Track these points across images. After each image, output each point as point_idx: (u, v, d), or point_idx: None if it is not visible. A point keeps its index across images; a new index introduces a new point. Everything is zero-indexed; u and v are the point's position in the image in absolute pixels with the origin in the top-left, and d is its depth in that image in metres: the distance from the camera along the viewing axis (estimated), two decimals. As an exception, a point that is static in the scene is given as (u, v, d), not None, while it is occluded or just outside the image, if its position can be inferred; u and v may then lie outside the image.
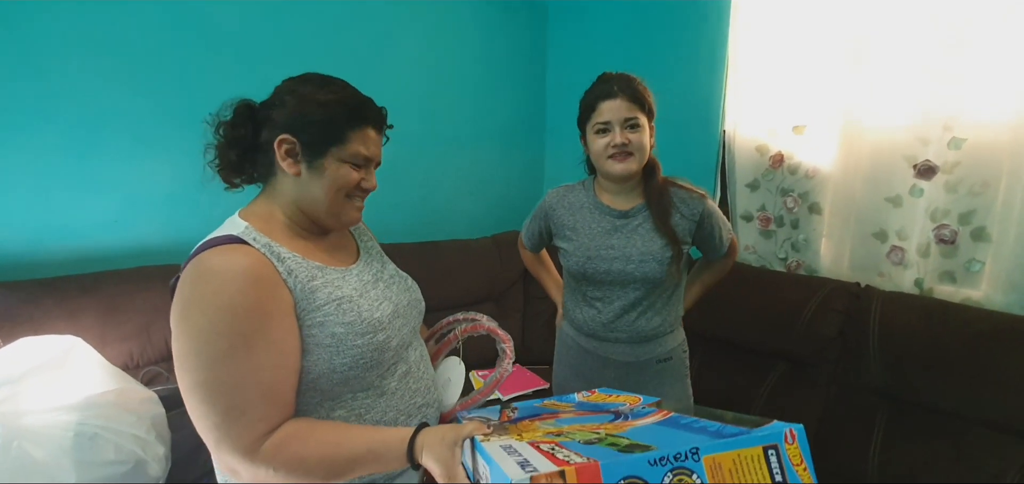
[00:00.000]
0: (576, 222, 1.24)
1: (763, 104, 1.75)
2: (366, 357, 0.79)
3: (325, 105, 0.80)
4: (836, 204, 1.65)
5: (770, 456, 0.57)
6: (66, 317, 1.31)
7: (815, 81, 1.64)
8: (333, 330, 0.76)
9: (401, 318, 0.88)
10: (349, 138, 0.81)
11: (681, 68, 1.96)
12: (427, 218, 2.21)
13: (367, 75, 1.89)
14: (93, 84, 1.43)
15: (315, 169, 0.80)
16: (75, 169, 1.44)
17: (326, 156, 0.80)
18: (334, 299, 0.78)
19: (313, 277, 0.78)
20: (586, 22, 2.35)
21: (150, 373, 1.42)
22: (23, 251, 1.38)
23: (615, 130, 1.12)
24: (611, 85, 1.13)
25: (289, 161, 0.80)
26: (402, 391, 0.85)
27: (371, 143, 0.85)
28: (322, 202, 0.82)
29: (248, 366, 0.69)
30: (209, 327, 0.68)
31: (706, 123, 1.92)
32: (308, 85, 0.83)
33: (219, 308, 0.69)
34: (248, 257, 0.73)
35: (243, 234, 0.76)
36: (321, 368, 0.76)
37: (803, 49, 1.65)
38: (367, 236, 1.04)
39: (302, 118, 0.80)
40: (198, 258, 0.73)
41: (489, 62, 2.32)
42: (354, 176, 0.83)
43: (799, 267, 1.75)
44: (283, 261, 0.76)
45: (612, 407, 0.82)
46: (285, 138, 0.79)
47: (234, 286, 0.70)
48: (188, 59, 1.57)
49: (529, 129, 2.54)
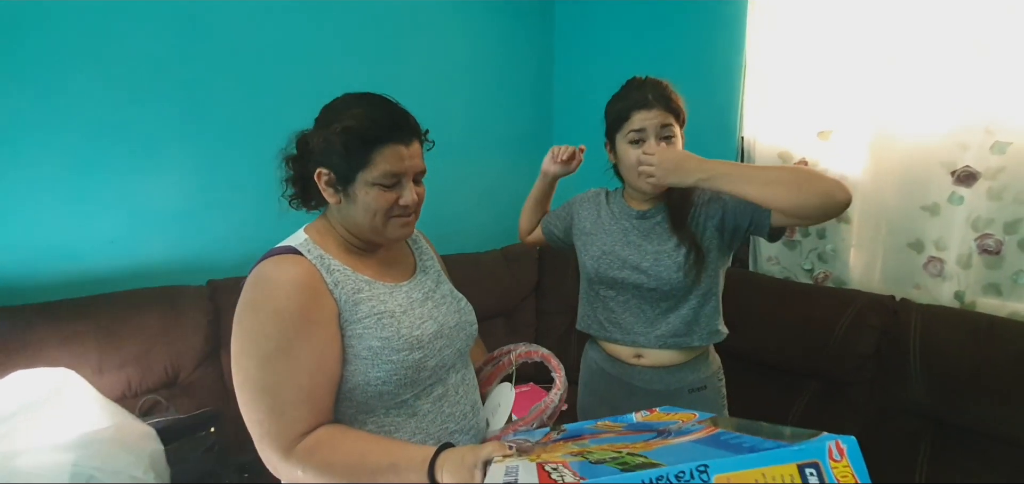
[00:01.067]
0: (587, 227, 1.20)
1: (785, 109, 1.68)
2: (400, 373, 0.80)
3: (346, 131, 0.80)
4: (866, 213, 1.57)
5: (808, 475, 0.47)
6: (61, 344, 1.25)
7: (841, 84, 1.56)
8: (370, 343, 0.79)
9: (444, 339, 0.88)
10: (373, 160, 0.80)
11: (695, 72, 1.89)
12: (434, 231, 2.11)
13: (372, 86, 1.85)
14: (95, 96, 1.37)
15: (349, 196, 0.82)
16: (75, 186, 1.38)
17: (355, 182, 0.81)
18: (375, 313, 0.81)
19: (359, 289, 0.82)
20: (593, 28, 2.29)
21: (149, 402, 1.35)
22: (19, 274, 1.32)
23: (650, 141, 1.06)
24: (646, 93, 1.06)
25: (329, 191, 0.83)
26: (434, 414, 0.86)
27: (402, 158, 0.83)
28: (364, 225, 0.84)
29: (290, 369, 0.74)
30: (258, 329, 0.75)
31: (723, 130, 1.86)
32: (334, 112, 0.84)
33: (268, 312, 0.75)
34: (299, 267, 0.78)
35: (300, 246, 0.82)
36: (357, 379, 0.79)
37: (828, 50, 1.58)
38: (427, 253, 1.05)
39: (330, 147, 0.81)
40: (258, 266, 0.79)
41: (495, 71, 2.26)
42: (387, 197, 0.82)
43: (826, 279, 1.67)
44: (332, 273, 0.80)
45: (662, 426, 0.74)
46: (321, 171, 0.82)
47: (282, 292, 0.75)
48: (194, 71, 1.52)
49: (536, 138, 2.47)
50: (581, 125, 1.16)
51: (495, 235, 2.31)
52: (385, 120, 0.82)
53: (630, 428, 0.77)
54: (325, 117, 0.85)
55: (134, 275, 1.48)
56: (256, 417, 0.75)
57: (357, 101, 0.84)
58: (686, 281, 1.08)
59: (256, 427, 0.75)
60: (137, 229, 1.49)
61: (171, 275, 1.53)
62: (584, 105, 1.16)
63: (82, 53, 1.34)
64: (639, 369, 1.14)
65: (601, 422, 0.83)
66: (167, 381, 1.42)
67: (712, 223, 1.08)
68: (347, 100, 0.85)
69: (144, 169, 1.47)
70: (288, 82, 1.67)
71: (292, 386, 0.74)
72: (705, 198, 1.10)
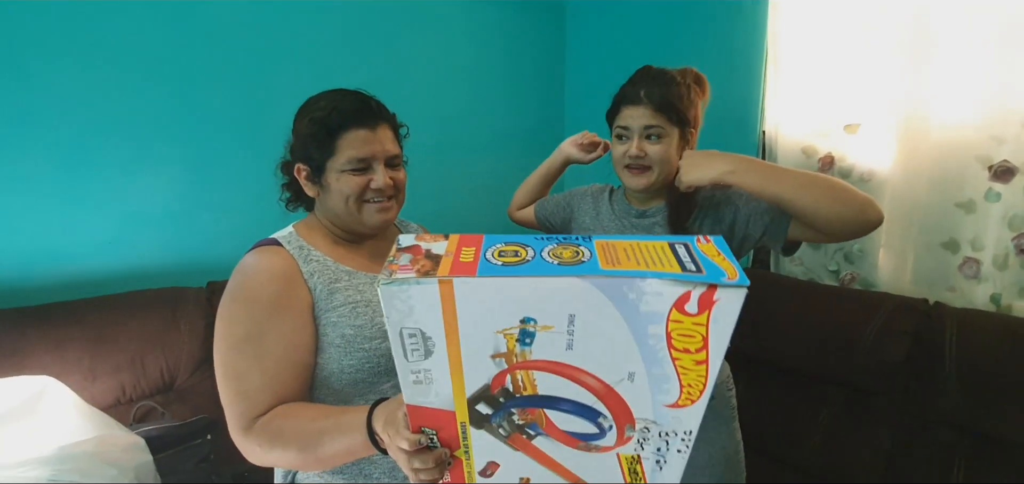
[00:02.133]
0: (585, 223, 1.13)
1: (809, 101, 1.59)
2: (372, 362, 0.82)
3: (311, 123, 0.83)
4: (896, 210, 1.48)
5: (678, 249, 0.49)
6: (52, 348, 1.20)
7: (870, 73, 1.47)
8: (343, 331, 0.81)
9: None
10: (338, 147, 0.82)
11: (712, 63, 1.78)
12: (440, 226, 2.05)
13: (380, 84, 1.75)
14: (86, 92, 1.33)
15: (324, 187, 0.85)
16: (67, 186, 1.33)
17: (326, 172, 0.84)
18: (351, 302, 0.82)
19: (337, 279, 0.83)
20: (605, 18, 2.21)
21: (144, 408, 1.30)
22: (8, 277, 1.28)
23: (632, 140, 0.98)
24: (638, 89, 0.98)
25: (309, 185, 0.86)
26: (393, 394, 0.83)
27: (367, 142, 0.84)
28: (341, 213, 0.85)
29: (256, 354, 0.76)
30: (233, 316, 0.78)
31: (742, 124, 1.77)
32: (303, 108, 0.87)
33: (242, 301, 0.78)
34: (276, 257, 0.81)
35: (282, 238, 0.85)
36: (331, 367, 0.81)
37: (855, 36, 1.48)
38: None
39: (301, 142, 0.85)
40: (244, 257, 0.83)
41: (505, 66, 2.19)
42: (357, 182, 0.83)
43: (853, 280, 1.58)
44: (309, 262, 0.83)
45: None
46: (299, 167, 0.86)
47: (257, 281, 0.79)
48: (190, 66, 1.47)
49: (547, 132, 2.40)
50: (593, 119, 1.08)
51: (502, 231, 2.24)
52: (346, 107, 0.84)
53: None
54: (298, 115, 0.88)
55: (130, 277, 1.44)
56: (226, 399, 0.77)
57: (323, 94, 0.86)
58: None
59: (226, 409, 0.78)
60: (133, 230, 1.44)
61: (169, 277, 1.48)
62: (596, 98, 1.08)
63: (71, 46, 1.30)
64: None
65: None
66: (163, 387, 1.37)
67: (720, 228, 0.99)
68: (315, 96, 0.87)
69: (139, 168, 1.43)
70: (288, 79, 1.62)
71: (257, 371, 0.76)
72: (713, 200, 1.01)
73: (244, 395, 0.76)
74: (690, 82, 1.01)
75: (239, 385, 0.77)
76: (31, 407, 0.92)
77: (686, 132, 1.00)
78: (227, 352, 0.78)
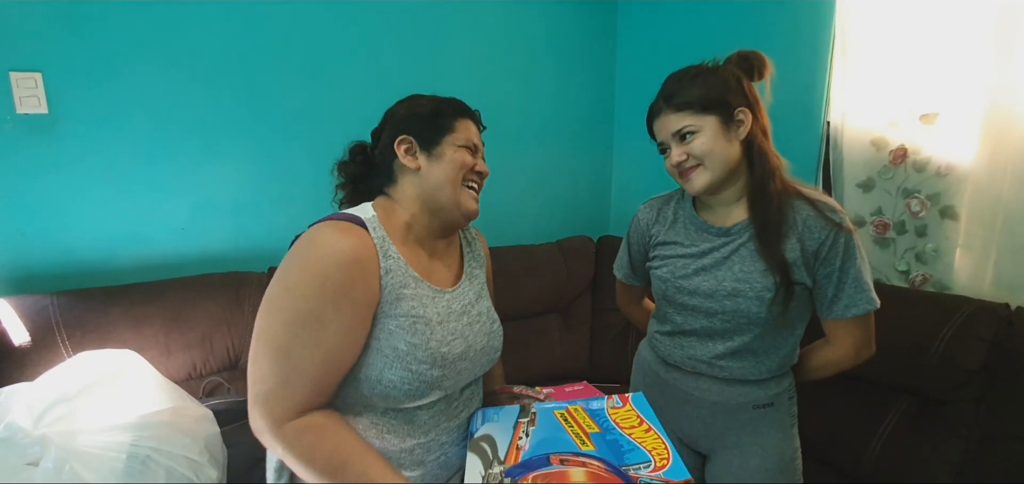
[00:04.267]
0: (668, 237, 1.06)
1: (879, 89, 1.48)
2: (414, 385, 0.78)
3: (429, 104, 0.91)
4: (976, 208, 1.36)
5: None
6: (132, 326, 1.31)
7: (949, 60, 1.36)
8: (397, 344, 0.77)
9: (469, 362, 0.87)
10: (457, 126, 0.89)
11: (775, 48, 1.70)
12: (490, 222, 2.08)
13: (428, 76, 1.83)
14: (163, 89, 1.43)
15: (435, 157, 0.87)
16: (146, 177, 1.44)
17: (442, 143, 0.87)
18: (412, 315, 0.79)
19: (405, 284, 0.79)
20: (658, 7, 2.14)
21: (211, 383, 1.40)
22: (93, 258, 1.40)
23: (671, 149, 0.96)
24: (659, 100, 0.98)
25: (409, 158, 0.87)
26: (430, 424, 0.85)
27: (474, 133, 0.93)
28: (445, 187, 0.86)
29: (312, 340, 0.71)
30: (297, 286, 0.72)
31: (806, 113, 1.68)
32: (409, 100, 0.94)
33: (312, 275, 0.72)
34: (360, 240, 0.76)
35: (368, 221, 0.80)
36: (369, 372, 0.77)
37: (932, 21, 1.37)
38: (478, 258, 1.03)
39: (415, 118, 0.89)
40: (317, 225, 0.77)
41: (554, 55, 2.17)
42: (469, 158, 0.89)
43: (925, 282, 1.48)
44: (388, 258, 0.78)
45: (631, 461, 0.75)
46: (403, 138, 0.87)
47: (334, 259, 0.73)
48: (255, 65, 1.55)
49: (596, 125, 2.37)
50: (645, 112, 1.05)
51: (551, 227, 2.24)
52: (458, 102, 0.93)
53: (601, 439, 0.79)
54: (400, 104, 0.94)
55: (200, 261, 1.54)
56: (261, 373, 0.72)
57: (423, 96, 0.94)
58: (771, 316, 0.94)
59: (256, 385, 0.73)
60: (203, 217, 1.54)
61: (234, 262, 1.58)
62: (648, 90, 1.05)
63: (150, 47, 1.39)
64: (697, 378, 1.04)
65: (571, 406, 0.87)
66: (228, 364, 1.46)
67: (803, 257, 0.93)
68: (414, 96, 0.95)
69: (209, 161, 1.52)
70: (343, 80, 1.68)
71: (307, 358, 0.72)
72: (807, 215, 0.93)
73: (284, 380, 0.71)
74: (726, 65, 0.97)
75: (283, 366, 0.71)
76: (114, 379, 1.01)
77: (728, 114, 0.93)
78: (281, 325, 0.72)
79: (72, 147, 1.33)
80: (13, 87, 1.25)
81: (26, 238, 1.32)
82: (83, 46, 1.32)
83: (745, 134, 0.94)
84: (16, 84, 1.25)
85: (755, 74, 0.97)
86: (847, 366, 1.02)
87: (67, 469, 0.87)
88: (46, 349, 1.21)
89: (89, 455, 0.88)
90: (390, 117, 0.93)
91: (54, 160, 1.32)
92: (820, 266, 0.93)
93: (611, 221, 2.48)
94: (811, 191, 0.97)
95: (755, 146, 0.95)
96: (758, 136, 0.96)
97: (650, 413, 0.84)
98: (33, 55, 1.27)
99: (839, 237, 0.91)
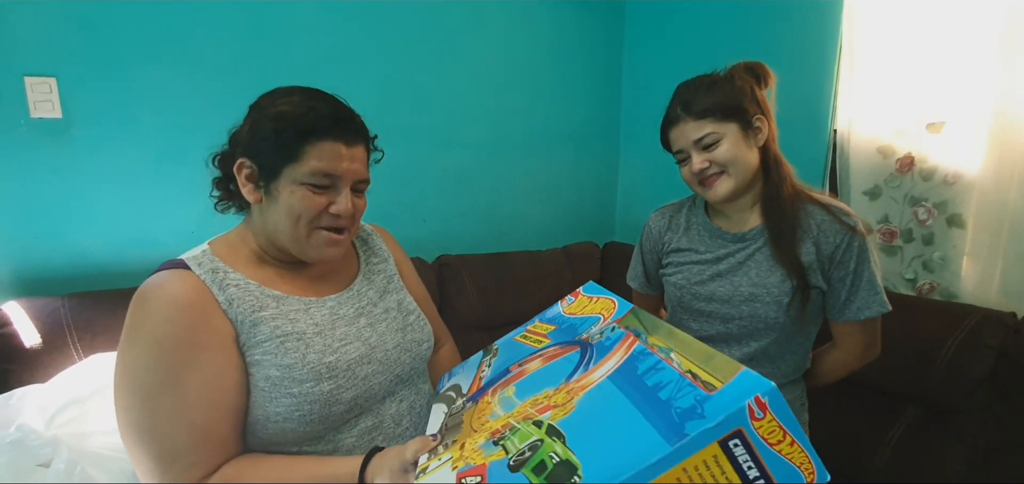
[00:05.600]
0: (682, 244, 1.07)
1: (886, 98, 1.48)
2: (304, 409, 0.68)
3: (277, 118, 0.70)
4: (983, 217, 1.36)
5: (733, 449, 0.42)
6: (142, 328, 1.32)
7: (956, 69, 1.36)
8: (268, 372, 0.68)
9: (375, 364, 0.76)
10: (304, 154, 0.69)
11: (781, 56, 1.73)
12: (496, 227, 2.11)
13: (434, 81, 1.84)
14: (174, 95, 1.44)
15: (271, 195, 0.71)
16: (157, 180, 1.46)
17: (280, 177, 0.70)
18: (279, 335, 0.69)
19: (262, 307, 0.70)
20: (665, 15, 2.15)
21: (219, 386, 1.40)
22: (104, 260, 1.41)
23: (691, 158, 0.96)
24: (676, 108, 0.97)
25: (249, 186, 0.72)
26: (363, 448, 0.73)
27: (340, 158, 0.71)
28: (284, 233, 0.72)
29: (178, 405, 0.63)
30: (139, 361, 0.64)
31: (812, 121, 1.68)
32: (268, 97, 0.75)
33: (149, 341, 0.64)
34: (183, 283, 0.67)
35: (191, 260, 0.71)
36: (256, 414, 0.69)
37: (939, 30, 1.38)
38: (380, 255, 0.91)
39: (257, 137, 0.71)
40: (144, 282, 0.69)
41: (561, 61, 2.18)
42: (316, 201, 0.71)
43: (932, 290, 1.48)
44: (226, 289, 0.69)
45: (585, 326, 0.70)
46: (243, 161, 0.72)
47: (163, 315, 0.65)
48: (264, 72, 1.56)
49: (603, 131, 2.37)
50: (651, 118, 1.05)
51: (557, 233, 2.25)
52: (326, 111, 0.71)
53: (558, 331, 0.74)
54: (257, 105, 0.74)
55: (208, 264, 1.55)
56: (147, 466, 0.63)
57: (296, 89, 0.74)
58: (788, 321, 0.95)
59: (147, 477, 0.64)
60: (211, 221, 1.55)
61: (242, 265, 1.59)
62: (653, 96, 1.06)
63: (161, 52, 1.41)
64: None
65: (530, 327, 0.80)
66: (236, 367, 1.47)
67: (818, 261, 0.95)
68: (286, 88, 0.75)
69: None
70: (350, 84, 1.65)
71: (183, 425, 0.63)
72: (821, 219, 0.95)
73: (172, 458, 0.63)
74: (737, 73, 0.97)
75: (162, 446, 0.63)
76: (126, 380, 1.02)
77: (747, 121, 0.95)
78: (139, 407, 0.63)
79: (84, 150, 1.35)
80: (28, 92, 1.27)
81: (38, 240, 1.33)
82: (97, 51, 1.33)
83: (763, 140, 0.96)
84: (31, 89, 1.27)
85: (762, 83, 0.99)
86: (855, 367, 1.04)
87: (78, 470, 0.88)
88: (57, 351, 1.22)
89: (100, 456, 0.89)
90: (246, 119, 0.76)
91: (66, 163, 1.33)
92: (835, 269, 0.94)
93: (617, 227, 2.49)
94: (823, 196, 0.99)
95: (771, 153, 0.97)
96: (772, 142, 0.97)
97: (600, 290, 0.80)
98: (48, 60, 1.28)
99: (854, 240, 0.93)
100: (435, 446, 0.62)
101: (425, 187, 1.88)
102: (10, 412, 0.93)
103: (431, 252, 1.85)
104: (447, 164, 1.91)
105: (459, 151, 1.92)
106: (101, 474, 0.89)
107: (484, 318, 1.77)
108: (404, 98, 1.80)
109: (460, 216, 2.00)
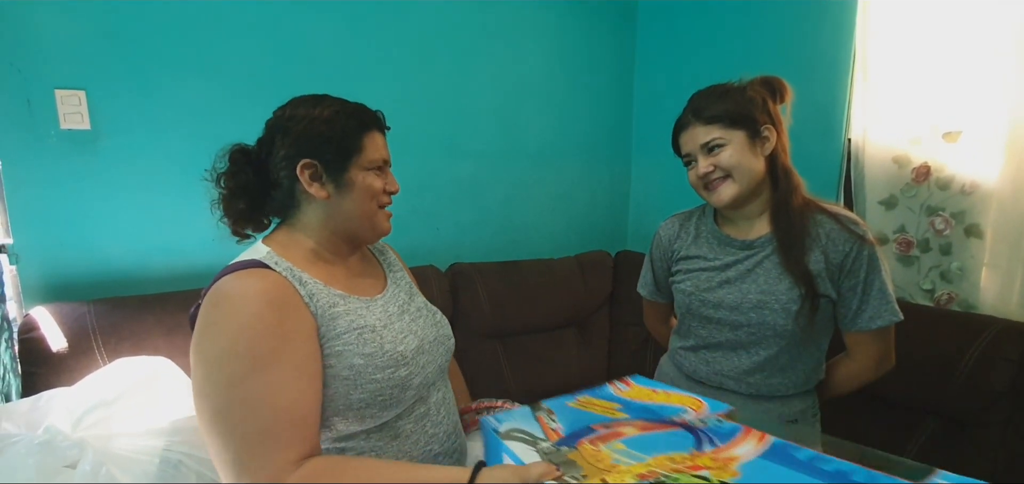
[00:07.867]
0: (691, 252, 1.08)
1: (901, 107, 1.48)
2: (386, 393, 0.75)
3: (330, 120, 0.79)
4: (1002, 227, 1.35)
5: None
6: (164, 334, 1.35)
7: (972, 78, 1.35)
8: (352, 361, 0.73)
9: (426, 354, 0.84)
10: (364, 145, 0.80)
11: (794, 66, 1.73)
12: (509, 237, 2.12)
13: (447, 91, 1.87)
14: (198, 106, 1.48)
15: (343, 186, 0.79)
16: (179, 188, 1.49)
17: (349, 169, 0.79)
18: (355, 328, 0.75)
19: (334, 304, 0.75)
20: (677, 24, 2.16)
21: (238, 391, 1.43)
22: (129, 266, 1.45)
23: (697, 162, 0.98)
24: (687, 113, 1.00)
25: (316, 185, 0.78)
26: (417, 435, 0.81)
27: (382, 146, 0.84)
28: (356, 217, 0.81)
29: (268, 386, 0.64)
30: (224, 351, 0.65)
31: (826, 131, 1.68)
32: (302, 107, 0.81)
33: (235, 330, 0.65)
34: (267, 280, 0.70)
35: (265, 258, 0.74)
36: (337, 403, 0.73)
37: (953, 38, 1.37)
38: (396, 265, 0.98)
39: (315, 138, 0.78)
40: (217, 284, 0.71)
41: (573, 72, 2.20)
42: (379, 182, 0.82)
43: (951, 301, 1.46)
44: (305, 285, 0.73)
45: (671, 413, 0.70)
46: (307, 162, 0.78)
47: (251, 308, 0.66)
48: (284, 82, 1.60)
49: (615, 142, 2.38)
50: (663, 128, 1.07)
51: (569, 242, 2.25)
52: (362, 109, 0.83)
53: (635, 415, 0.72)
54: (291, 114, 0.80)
55: (228, 271, 1.58)
56: (232, 453, 0.62)
57: (316, 98, 0.83)
58: (797, 329, 0.95)
59: (232, 466, 0.62)
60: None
61: (260, 272, 1.62)
62: (667, 106, 1.08)
63: (186, 65, 1.46)
64: (715, 391, 1.04)
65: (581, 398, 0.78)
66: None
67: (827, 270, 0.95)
68: (304, 99, 0.83)
69: (238, 172, 1.57)
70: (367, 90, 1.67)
71: (273, 405, 0.63)
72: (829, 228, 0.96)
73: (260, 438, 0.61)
74: (752, 85, 0.99)
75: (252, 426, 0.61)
76: (148, 384, 1.05)
77: (755, 130, 0.96)
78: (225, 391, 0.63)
79: (111, 161, 1.39)
80: (58, 104, 1.31)
81: (66, 247, 1.37)
82: (124, 65, 1.38)
83: (770, 150, 0.97)
84: (61, 101, 1.31)
85: (777, 97, 1.00)
86: (869, 378, 1.04)
87: (103, 471, 0.90)
88: (83, 355, 1.25)
89: (124, 458, 0.92)
90: (282, 130, 0.80)
91: (94, 173, 1.38)
92: (844, 278, 0.95)
93: (629, 236, 2.49)
94: (832, 206, 1.00)
95: (779, 162, 0.98)
96: (781, 153, 0.98)
97: (657, 384, 0.81)
98: (78, 74, 1.33)
99: (863, 249, 0.94)
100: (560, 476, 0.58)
101: (439, 196, 1.91)
102: (38, 414, 0.96)
103: (444, 260, 1.87)
104: (460, 173, 1.93)
105: (472, 161, 1.94)
106: (126, 475, 0.91)
107: (497, 326, 1.78)
108: (419, 109, 1.82)
109: (473, 225, 2.02)
